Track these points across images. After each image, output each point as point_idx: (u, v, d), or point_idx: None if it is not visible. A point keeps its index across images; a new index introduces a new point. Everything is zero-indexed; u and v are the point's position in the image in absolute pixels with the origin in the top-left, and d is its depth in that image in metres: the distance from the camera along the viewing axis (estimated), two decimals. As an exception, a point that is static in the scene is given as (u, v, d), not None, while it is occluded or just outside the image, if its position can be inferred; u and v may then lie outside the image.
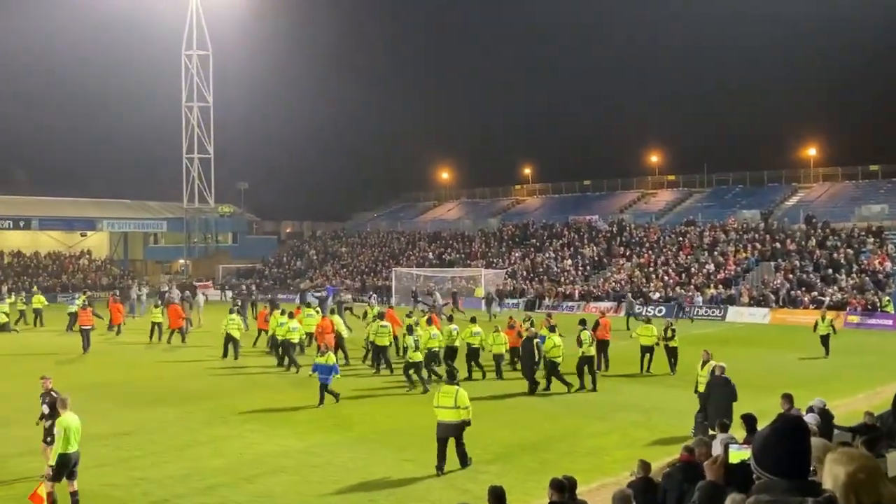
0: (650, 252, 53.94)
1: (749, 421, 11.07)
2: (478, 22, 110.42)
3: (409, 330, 23.75)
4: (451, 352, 24.63)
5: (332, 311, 30.82)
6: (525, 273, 56.13)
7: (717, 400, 15.84)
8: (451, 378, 15.63)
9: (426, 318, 27.06)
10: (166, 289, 50.05)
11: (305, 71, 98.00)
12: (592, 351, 22.95)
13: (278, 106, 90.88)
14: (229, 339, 28.47)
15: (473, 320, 26.06)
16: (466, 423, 14.60)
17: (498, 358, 24.50)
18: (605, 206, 67.37)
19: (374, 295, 47.17)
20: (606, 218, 62.10)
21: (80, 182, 77.91)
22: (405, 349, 23.60)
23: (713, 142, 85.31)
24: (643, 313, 39.46)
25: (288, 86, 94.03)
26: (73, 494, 12.38)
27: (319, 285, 58.19)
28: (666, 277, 49.45)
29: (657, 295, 47.44)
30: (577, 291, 50.75)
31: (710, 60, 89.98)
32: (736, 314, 43.59)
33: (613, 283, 50.55)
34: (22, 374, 26.03)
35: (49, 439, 13.26)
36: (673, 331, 25.22)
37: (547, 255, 58.13)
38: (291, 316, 27.73)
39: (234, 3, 71.19)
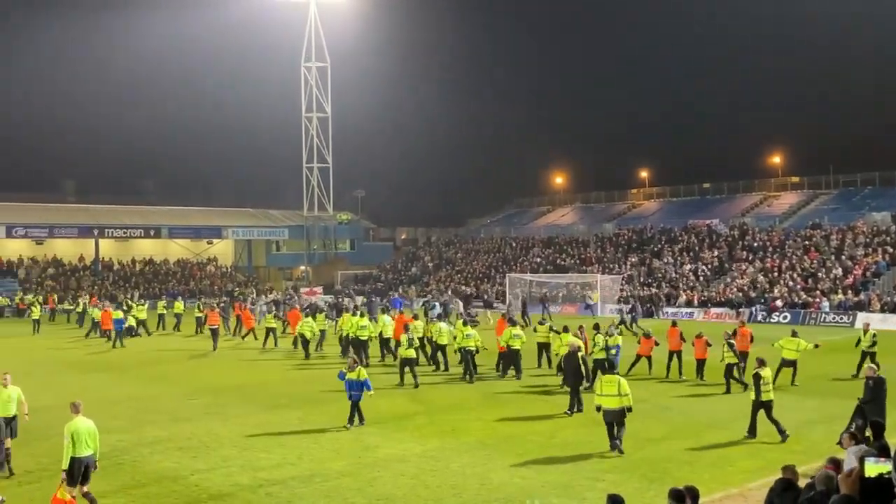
0: (774, 256, 52.16)
1: (877, 428, 10.52)
2: (591, 24, 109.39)
3: (406, 328, 25.90)
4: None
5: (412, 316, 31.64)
6: (641, 279, 55.16)
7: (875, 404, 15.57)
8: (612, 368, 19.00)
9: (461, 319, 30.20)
10: (280, 297, 51.74)
11: (420, 79, 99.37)
12: (734, 358, 22.77)
13: (394, 114, 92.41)
14: (351, 341, 29.05)
15: (513, 322, 27.53)
16: (628, 409, 16.19)
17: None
18: (726, 209, 65.55)
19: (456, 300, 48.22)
20: (727, 222, 60.41)
21: (206, 192, 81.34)
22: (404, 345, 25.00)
23: (839, 141, 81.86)
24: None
25: (403, 94, 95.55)
26: (86, 495, 12.71)
27: (429, 293, 58.58)
28: (791, 283, 47.71)
29: (780, 302, 45.82)
30: (696, 298, 49.54)
31: (835, 56, 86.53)
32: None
33: (735, 289, 49.10)
34: (157, 376, 27.32)
35: None
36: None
37: (665, 260, 56.97)
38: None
39: (350, 15, 72.93)
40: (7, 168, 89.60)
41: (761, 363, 17.48)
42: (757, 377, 17.18)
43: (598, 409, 16.33)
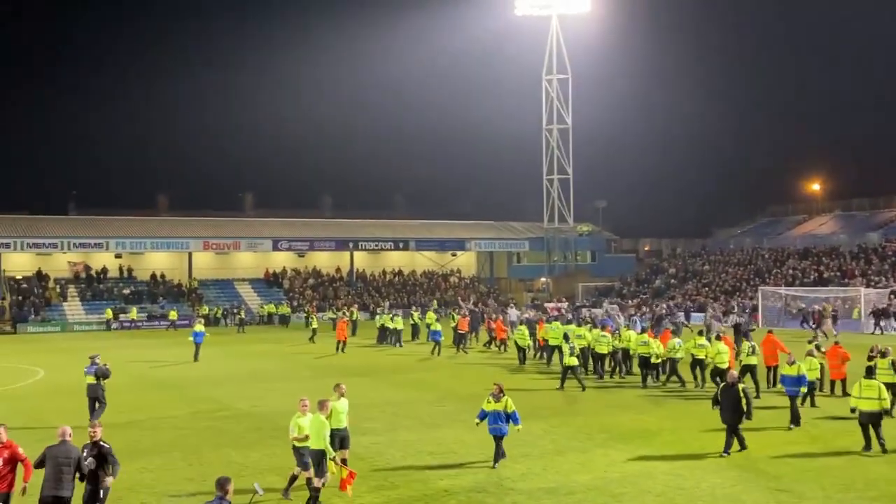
0: None
1: None
2: (842, 23, 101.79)
3: (566, 338, 27.77)
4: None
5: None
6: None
7: None
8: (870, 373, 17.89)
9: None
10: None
11: (660, 87, 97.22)
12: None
13: (635, 123, 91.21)
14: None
15: (700, 333, 29.02)
16: (887, 412, 17.55)
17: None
18: None
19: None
20: None
21: (450, 205, 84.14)
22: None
23: None
24: None
25: (644, 103, 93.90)
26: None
27: (675, 306, 56.59)
28: None
29: None
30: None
31: None
32: None
33: None
34: (409, 382, 28.46)
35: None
36: None
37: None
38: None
39: (592, 27, 72.86)
40: (272, 187, 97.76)
41: None
42: None
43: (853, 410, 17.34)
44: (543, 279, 78.07)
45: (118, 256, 66.87)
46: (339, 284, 71.15)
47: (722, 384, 18.93)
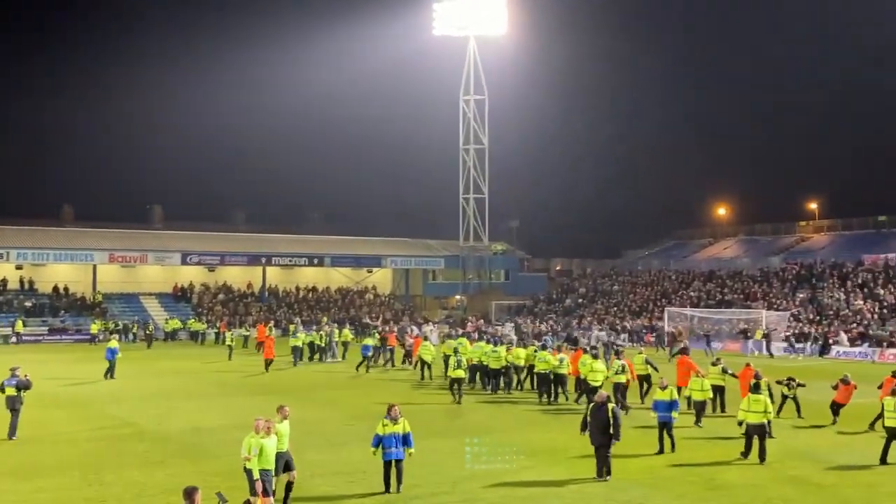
0: (960, 294, 48.42)
1: None
2: (752, 47, 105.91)
3: (455, 351, 28.93)
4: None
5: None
6: (809, 316, 52.37)
7: None
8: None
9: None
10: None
11: (574, 110, 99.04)
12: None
13: (549, 145, 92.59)
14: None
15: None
16: (768, 424, 18.87)
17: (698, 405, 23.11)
18: (905, 243, 61.37)
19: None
20: (906, 257, 56.63)
21: (366, 222, 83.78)
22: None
23: None
24: None
25: (557, 125, 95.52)
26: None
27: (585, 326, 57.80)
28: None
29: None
30: (874, 337, 46.56)
31: None
32: None
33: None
34: (321, 400, 28.17)
35: None
36: None
37: (836, 296, 53.92)
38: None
39: (508, 49, 73.77)
40: (182, 199, 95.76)
41: None
42: None
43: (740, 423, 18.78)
44: (458, 297, 78.43)
45: (19, 268, 64.39)
46: (250, 300, 70.04)
47: (591, 404, 17.86)
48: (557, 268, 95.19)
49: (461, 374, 27.20)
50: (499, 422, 23.98)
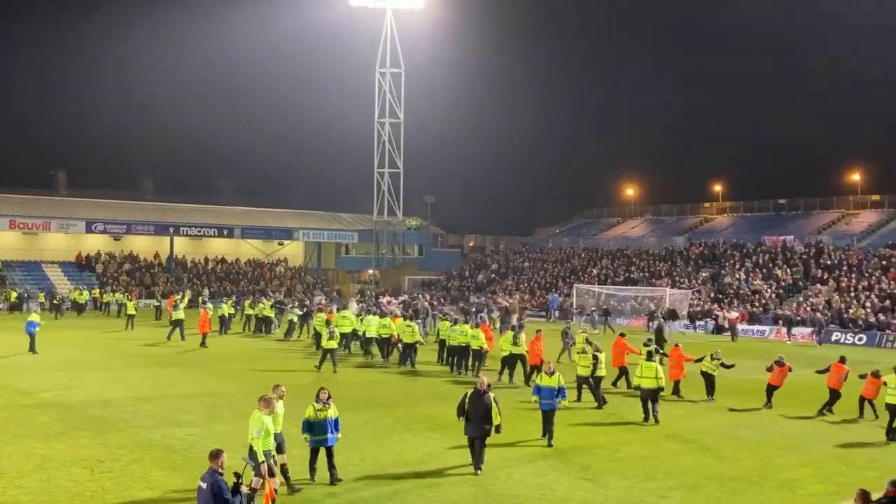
0: (850, 276, 50.77)
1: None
2: (667, 34, 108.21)
3: (327, 323, 30.29)
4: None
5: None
6: (711, 294, 54.23)
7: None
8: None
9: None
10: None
11: (492, 87, 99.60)
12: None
13: (465, 122, 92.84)
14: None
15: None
16: (661, 389, 20.76)
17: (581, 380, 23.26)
18: (802, 226, 63.97)
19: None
20: (802, 239, 59.04)
21: (279, 194, 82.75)
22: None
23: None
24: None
25: (475, 102, 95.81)
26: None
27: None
28: (869, 304, 46.36)
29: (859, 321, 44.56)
30: (772, 316, 48.52)
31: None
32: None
33: (809, 308, 47.92)
34: (228, 373, 27.84)
35: None
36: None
37: (737, 276, 55.91)
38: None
39: (426, 23, 73.51)
40: (88, 166, 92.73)
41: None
42: None
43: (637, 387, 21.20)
44: (371, 271, 78.30)
45: (-89, 232, 61.56)
46: (157, 270, 68.47)
47: (471, 391, 15.78)
48: (471, 244, 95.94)
49: (334, 344, 28.43)
50: (411, 395, 24.16)
